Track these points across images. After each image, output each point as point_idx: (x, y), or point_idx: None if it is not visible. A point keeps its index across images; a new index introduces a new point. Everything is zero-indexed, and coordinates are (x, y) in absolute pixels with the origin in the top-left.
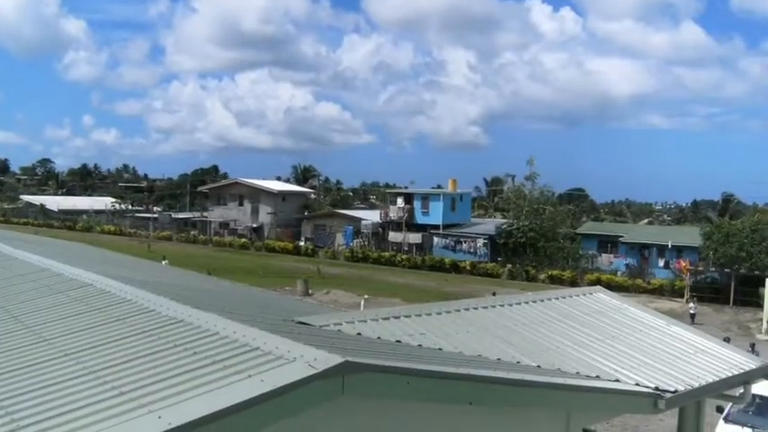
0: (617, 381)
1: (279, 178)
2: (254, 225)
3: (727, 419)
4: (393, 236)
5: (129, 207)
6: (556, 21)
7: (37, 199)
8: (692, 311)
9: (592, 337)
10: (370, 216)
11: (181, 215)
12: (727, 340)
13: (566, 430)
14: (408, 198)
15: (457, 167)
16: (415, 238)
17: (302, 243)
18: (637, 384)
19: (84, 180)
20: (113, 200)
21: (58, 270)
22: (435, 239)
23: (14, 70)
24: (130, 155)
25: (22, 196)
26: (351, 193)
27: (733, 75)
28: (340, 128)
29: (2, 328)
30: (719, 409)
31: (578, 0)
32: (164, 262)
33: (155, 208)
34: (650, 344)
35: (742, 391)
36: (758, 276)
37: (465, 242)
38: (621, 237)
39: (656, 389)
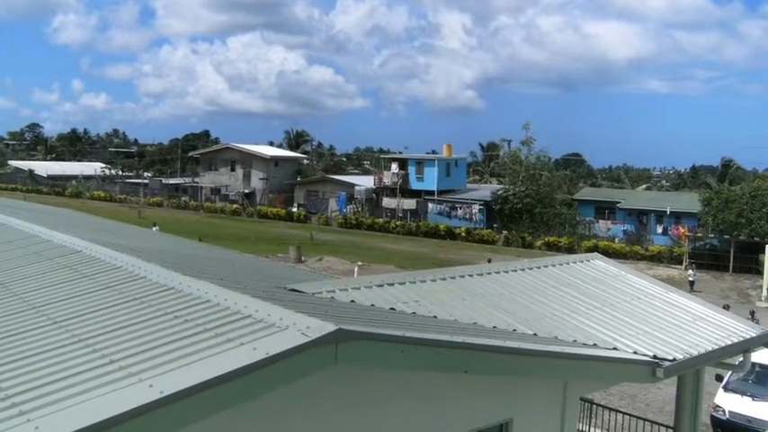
0: (615, 349)
1: (271, 143)
2: (246, 191)
3: (726, 388)
4: (387, 202)
5: (119, 172)
6: None
7: (25, 164)
8: (690, 278)
9: (589, 304)
10: (364, 182)
11: (171, 181)
12: (726, 308)
13: (563, 399)
14: (403, 163)
15: (452, 132)
16: (409, 204)
17: (295, 209)
18: (635, 353)
19: (74, 145)
20: (103, 165)
21: (47, 237)
22: (430, 205)
23: (2, 34)
24: (120, 119)
25: (10, 161)
26: (344, 159)
27: (732, 38)
28: (333, 92)
29: None
30: (719, 378)
31: None
32: (154, 228)
33: (145, 173)
34: (648, 311)
35: (741, 359)
36: (758, 243)
37: (460, 208)
38: (619, 203)
39: (655, 357)
